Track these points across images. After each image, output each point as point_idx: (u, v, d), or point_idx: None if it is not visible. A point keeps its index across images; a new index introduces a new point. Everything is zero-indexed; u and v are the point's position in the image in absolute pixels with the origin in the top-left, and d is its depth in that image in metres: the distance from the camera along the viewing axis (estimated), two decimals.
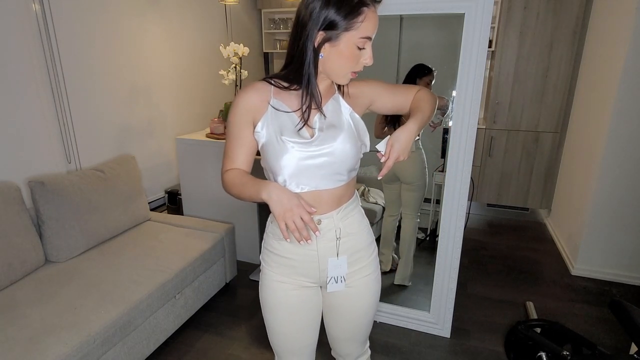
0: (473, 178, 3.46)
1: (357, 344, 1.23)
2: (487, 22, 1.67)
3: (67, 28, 2.18)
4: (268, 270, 1.14)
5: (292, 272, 1.09)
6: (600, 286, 2.54)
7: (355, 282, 1.11)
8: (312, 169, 0.99)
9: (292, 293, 1.11)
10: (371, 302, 1.15)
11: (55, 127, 2.17)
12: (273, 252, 1.12)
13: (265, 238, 1.15)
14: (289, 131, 0.98)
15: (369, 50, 0.95)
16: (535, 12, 3.01)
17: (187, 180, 2.81)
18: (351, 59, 0.94)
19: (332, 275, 1.07)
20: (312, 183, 1.00)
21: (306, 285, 1.11)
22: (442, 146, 2.30)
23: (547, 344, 1.41)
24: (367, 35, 0.92)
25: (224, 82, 2.78)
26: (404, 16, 2.41)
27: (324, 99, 1.03)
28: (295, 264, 1.08)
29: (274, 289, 1.12)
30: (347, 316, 1.16)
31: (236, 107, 1.01)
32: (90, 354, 1.47)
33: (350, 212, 1.08)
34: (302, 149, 0.97)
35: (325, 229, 1.04)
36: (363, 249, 1.11)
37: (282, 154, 0.97)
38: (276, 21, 4.19)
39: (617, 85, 2.31)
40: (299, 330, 1.15)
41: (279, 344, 1.17)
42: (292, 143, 0.97)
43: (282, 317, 1.13)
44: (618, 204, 2.47)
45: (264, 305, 1.16)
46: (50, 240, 1.91)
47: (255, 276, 2.64)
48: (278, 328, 1.14)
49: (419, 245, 2.81)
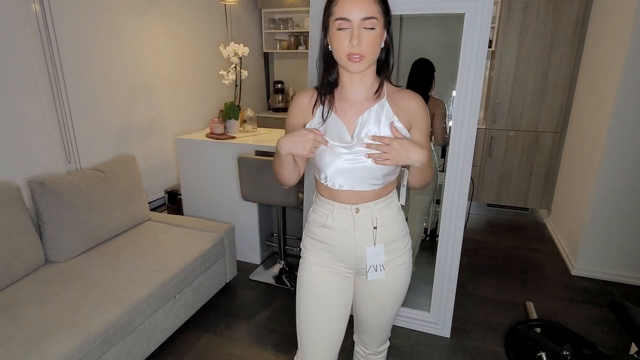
0: (473, 178, 3.46)
1: (383, 332, 1.28)
2: (487, 22, 1.67)
3: (67, 28, 2.17)
4: (308, 255, 1.21)
5: (330, 257, 1.16)
6: (600, 286, 2.54)
7: (389, 270, 1.16)
8: (349, 172, 1.07)
9: (327, 276, 1.17)
10: (401, 290, 1.22)
11: (55, 127, 2.17)
12: (314, 238, 1.18)
13: (307, 226, 1.22)
14: (332, 134, 1.07)
15: (351, 30, 0.98)
16: (535, 12, 3.01)
17: (187, 180, 2.81)
18: (339, 41, 0.99)
19: (372, 264, 1.13)
20: (349, 184, 1.08)
21: (342, 271, 1.17)
22: (442, 146, 2.31)
23: (547, 344, 1.41)
24: (340, 17, 0.97)
25: (224, 82, 2.78)
26: (404, 16, 2.40)
27: (369, 102, 1.08)
28: (334, 250, 1.15)
29: (312, 270, 1.18)
30: (378, 302, 1.21)
31: (290, 112, 1.15)
32: (90, 354, 1.47)
33: (388, 205, 1.14)
34: (342, 152, 1.06)
35: (363, 218, 1.11)
36: (398, 239, 1.17)
37: (324, 154, 1.07)
38: (276, 21, 4.19)
39: (617, 85, 2.31)
40: (329, 315, 1.18)
41: (307, 329, 1.20)
42: (335, 145, 1.06)
43: (315, 298, 1.17)
44: (618, 204, 2.47)
45: (299, 288, 1.20)
46: (50, 240, 1.91)
47: (255, 276, 2.64)
48: (309, 311, 1.18)
49: (419, 245, 2.81)
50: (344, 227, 1.12)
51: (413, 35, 2.64)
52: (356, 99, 1.08)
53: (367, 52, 0.98)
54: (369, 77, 1.07)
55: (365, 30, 0.97)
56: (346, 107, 1.08)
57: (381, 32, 1.00)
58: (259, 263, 2.80)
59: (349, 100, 1.09)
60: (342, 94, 1.10)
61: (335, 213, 1.12)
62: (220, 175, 2.69)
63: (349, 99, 1.09)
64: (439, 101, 2.24)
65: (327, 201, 1.13)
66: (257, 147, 2.56)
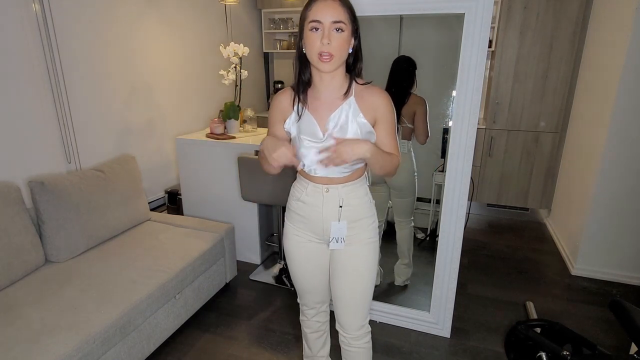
0: (473, 178, 3.46)
1: (353, 313, 1.38)
2: (487, 22, 1.67)
3: (67, 28, 2.17)
4: (288, 224, 1.41)
5: (304, 227, 1.36)
6: (600, 286, 2.54)
7: (355, 243, 1.33)
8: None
9: (304, 244, 1.38)
10: (368, 264, 1.35)
11: (55, 127, 2.17)
12: (292, 210, 1.38)
13: (289, 199, 1.41)
14: (306, 130, 1.23)
15: (323, 31, 1.10)
16: (535, 12, 3.01)
17: (187, 180, 2.81)
18: (311, 41, 1.12)
19: (334, 236, 1.31)
20: (323, 171, 1.25)
21: (314, 240, 1.37)
22: (442, 146, 2.30)
23: (547, 344, 1.41)
24: (313, 19, 1.10)
25: (224, 82, 2.78)
26: (404, 16, 2.41)
27: (338, 101, 1.22)
28: (306, 221, 1.34)
29: (292, 240, 1.40)
30: (347, 275, 1.35)
31: (270, 111, 1.32)
32: (90, 354, 1.47)
33: (355, 189, 1.30)
34: (315, 145, 1.22)
35: (331, 197, 1.28)
36: (363, 218, 1.32)
37: (301, 147, 1.24)
38: (276, 21, 4.19)
39: (617, 85, 2.31)
40: (311, 273, 1.43)
41: (297, 282, 1.48)
42: (307, 140, 1.23)
43: (298, 262, 1.42)
44: (618, 204, 2.48)
45: (286, 253, 1.44)
46: (50, 240, 1.91)
47: (255, 276, 2.64)
48: (296, 270, 1.44)
49: (419, 245, 2.81)
50: (315, 203, 1.30)
51: (413, 35, 2.64)
52: (327, 98, 1.22)
53: (336, 52, 1.11)
54: (338, 78, 1.21)
55: (334, 32, 1.10)
56: (318, 106, 1.23)
57: (349, 36, 1.14)
58: (259, 263, 2.80)
59: (320, 99, 1.23)
60: (314, 93, 1.24)
61: (309, 190, 1.30)
62: (220, 175, 2.69)
63: (320, 98, 1.23)
64: (420, 98, 2.18)
65: (304, 180, 1.32)
66: (257, 147, 2.56)
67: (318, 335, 1.58)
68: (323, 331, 1.59)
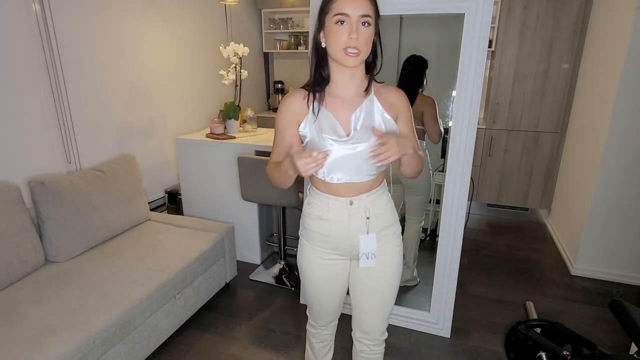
0: (473, 178, 3.46)
1: (380, 318, 1.33)
2: (487, 22, 1.67)
3: (67, 28, 2.17)
4: (304, 242, 1.30)
5: (326, 246, 1.25)
6: (600, 286, 2.54)
7: (384, 254, 1.25)
8: (347, 164, 1.13)
9: (326, 265, 1.28)
10: (396, 272, 1.29)
11: (55, 127, 2.17)
12: (311, 229, 1.26)
13: (303, 218, 1.30)
14: (326, 129, 1.13)
15: (351, 25, 1.04)
16: (535, 12, 3.01)
17: (187, 180, 2.81)
18: (336, 36, 1.05)
19: (364, 252, 1.21)
20: (347, 177, 1.15)
21: (338, 258, 1.27)
22: (442, 146, 2.30)
23: (547, 344, 1.41)
24: (339, 12, 1.03)
25: (224, 82, 2.78)
26: (404, 16, 2.40)
27: (359, 98, 1.15)
28: (329, 239, 1.23)
29: (312, 262, 1.29)
30: (373, 285, 1.28)
31: (278, 116, 1.19)
32: (90, 354, 1.47)
33: (379, 196, 1.22)
34: (340, 146, 1.12)
35: (356, 210, 1.19)
36: (389, 226, 1.25)
37: (323, 147, 1.12)
38: (276, 21, 4.19)
39: (617, 85, 2.31)
40: (332, 295, 1.33)
41: (314, 304, 1.38)
42: (331, 140, 1.12)
43: (317, 284, 1.31)
44: (618, 204, 2.47)
45: (301, 273, 1.34)
46: (50, 240, 1.91)
47: (255, 276, 2.64)
48: (315, 293, 1.34)
49: (419, 245, 2.81)
50: (340, 219, 1.20)
51: (413, 35, 2.64)
52: (346, 95, 1.15)
53: (362, 47, 1.05)
54: (359, 74, 1.14)
55: (361, 26, 1.04)
56: (337, 104, 1.15)
57: (373, 31, 1.08)
58: (259, 263, 2.80)
59: (339, 97, 1.15)
60: (332, 90, 1.16)
61: (331, 206, 1.20)
62: (220, 175, 2.69)
63: (339, 96, 1.15)
64: (428, 98, 2.18)
65: (323, 194, 1.21)
66: (257, 147, 2.56)
67: (325, 344, 1.54)
68: (330, 340, 1.55)
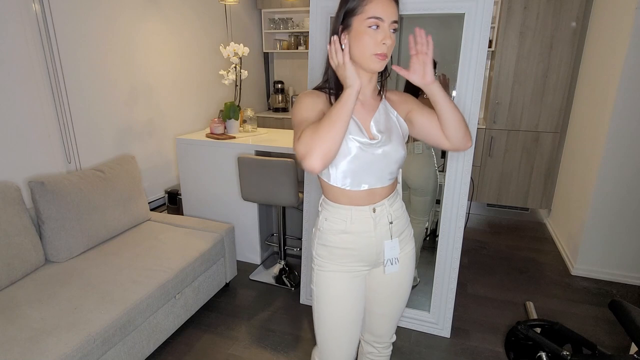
0: (473, 178, 3.46)
1: (393, 322, 1.32)
2: (487, 22, 1.67)
3: (67, 28, 2.17)
4: (324, 263, 1.19)
5: (351, 259, 1.17)
6: (600, 286, 2.54)
7: (402, 255, 1.24)
8: (372, 169, 1.10)
9: (345, 281, 1.17)
10: (411, 275, 1.28)
11: (55, 127, 2.17)
12: (332, 246, 1.17)
13: (319, 235, 1.20)
14: (353, 130, 1.08)
15: (384, 30, 1.01)
16: (535, 12, 3.01)
17: (187, 180, 2.81)
18: (367, 40, 1.01)
19: (388, 257, 1.18)
20: (372, 182, 1.11)
21: (362, 269, 1.19)
22: None
23: (547, 344, 1.41)
24: (373, 15, 1.00)
25: (224, 82, 2.78)
26: (404, 16, 2.40)
27: (375, 103, 1.15)
28: (354, 252, 1.16)
29: (330, 278, 1.18)
30: (390, 290, 1.26)
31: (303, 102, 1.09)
32: (90, 354, 1.47)
33: (396, 200, 1.22)
34: (365, 149, 1.08)
35: (379, 216, 1.15)
36: (406, 229, 1.25)
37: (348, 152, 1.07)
38: (276, 21, 4.19)
39: (617, 85, 2.31)
40: (349, 319, 1.20)
41: (327, 333, 1.21)
42: (357, 142, 1.08)
43: (338, 306, 1.18)
44: (618, 204, 2.48)
45: (319, 298, 1.20)
46: (50, 240, 1.91)
47: (255, 276, 2.64)
48: (331, 318, 1.19)
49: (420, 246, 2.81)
50: (364, 229, 1.14)
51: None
52: (364, 99, 1.14)
53: (389, 53, 1.04)
54: (375, 78, 1.14)
55: (391, 32, 1.03)
56: (357, 107, 1.11)
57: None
58: (259, 263, 2.80)
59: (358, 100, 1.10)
60: None
61: (355, 216, 1.13)
62: (220, 175, 2.69)
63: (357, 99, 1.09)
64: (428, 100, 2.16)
65: (343, 207, 1.13)
66: (257, 147, 2.56)
67: None
68: None
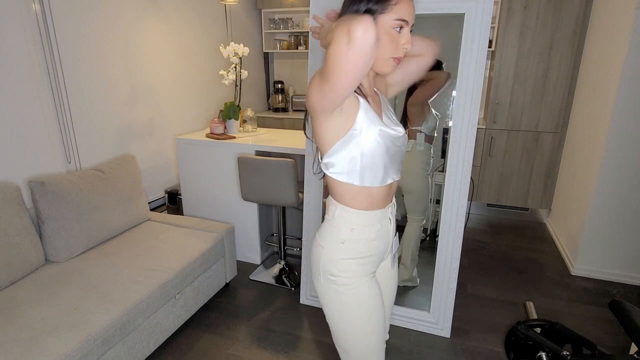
0: (473, 178, 3.46)
1: (388, 317, 1.33)
2: (487, 22, 1.67)
3: (67, 28, 2.17)
4: (352, 280, 1.10)
5: (374, 265, 1.14)
6: (600, 286, 2.54)
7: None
8: (396, 160, 1.09)
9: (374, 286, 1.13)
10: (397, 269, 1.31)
11: (55, 127, 2.17)
12: (357, 257, 1.10)
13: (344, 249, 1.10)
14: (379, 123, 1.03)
15: (406, 33, 0.97)
16: (535, 12, 3.01)
17: (187, 180, 2.81)
18: (389, 43, 0.97)
19: (393, 252, 1.21)
20: (397, 173, 1.11)
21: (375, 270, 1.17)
22: (442, 146, 2.30)
23: (547, 344, 1.41)
24: (401, 18, 0.95)
25: (224, 82, 2.78)
26: None
27: (374, 96, 1.11)
28: (376, 257, 1.13)
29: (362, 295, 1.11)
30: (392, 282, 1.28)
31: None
32: (90, 354, 1.47)
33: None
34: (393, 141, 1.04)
35: (392, 213, 1.15)
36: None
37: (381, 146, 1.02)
38: (276, 21, 4.19)
39: (617, 85, 2.31)
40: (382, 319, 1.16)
41: (377, 345, 1.16)
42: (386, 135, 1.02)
43: (378, 315, 1.13)
44: (618, 204, 2.48)
45: (354, 317, 1.11)
46: (50, 240, 1.91)
47: (255, 276, 2.64)
48: (377, 328, 1.14)
49: (419, 245, 2.81)
50: (387, 231, 1.13)
51: (413, 36, 2.64)
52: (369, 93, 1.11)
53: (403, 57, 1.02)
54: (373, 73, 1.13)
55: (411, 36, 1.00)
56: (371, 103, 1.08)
57: None
58: (259, 263, 2.80)
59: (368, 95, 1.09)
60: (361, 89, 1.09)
61: (378, 219, 1.10)
62: (220, 175, 2.69)
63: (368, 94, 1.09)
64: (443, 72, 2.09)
65: (368, 213, 1.08)
66: (257, 147, 2.56)
67: None
68: None
